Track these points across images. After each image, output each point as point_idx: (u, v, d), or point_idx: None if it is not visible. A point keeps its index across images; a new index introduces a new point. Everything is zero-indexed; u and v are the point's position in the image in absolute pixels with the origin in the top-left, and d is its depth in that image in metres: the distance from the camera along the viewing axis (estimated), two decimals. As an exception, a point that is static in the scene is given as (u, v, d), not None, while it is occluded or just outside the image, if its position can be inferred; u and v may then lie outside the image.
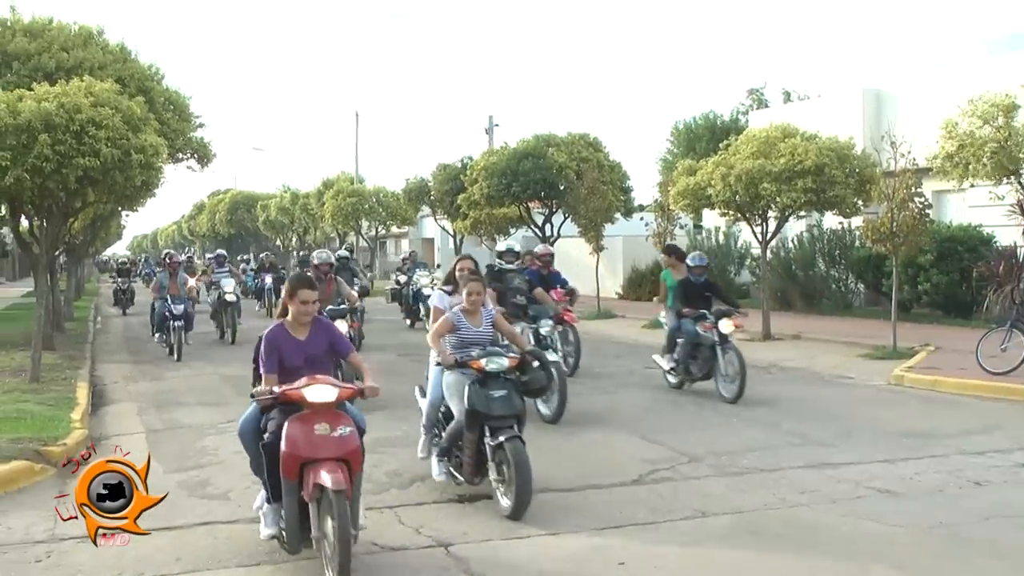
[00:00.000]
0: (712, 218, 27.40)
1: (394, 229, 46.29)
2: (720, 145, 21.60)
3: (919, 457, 8.85)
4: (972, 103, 16.23)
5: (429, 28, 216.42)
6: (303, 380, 5.87)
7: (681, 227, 26.78)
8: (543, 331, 12.22)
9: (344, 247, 30.00)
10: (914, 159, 15.83)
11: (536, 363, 7.90)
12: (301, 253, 34.35)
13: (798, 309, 24.39)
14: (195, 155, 20.14)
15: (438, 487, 7.73)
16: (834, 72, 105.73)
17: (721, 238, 29.29)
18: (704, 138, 41.92)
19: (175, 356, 17.19)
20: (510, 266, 12.47)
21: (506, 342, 7.97)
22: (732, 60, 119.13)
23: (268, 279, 28.26)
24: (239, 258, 41.52)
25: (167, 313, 17.65)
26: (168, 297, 17.77)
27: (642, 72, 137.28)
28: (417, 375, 9.58)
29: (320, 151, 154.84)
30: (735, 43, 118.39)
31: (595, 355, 16.59)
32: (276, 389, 5.88)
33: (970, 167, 16.10)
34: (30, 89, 12.90)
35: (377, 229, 44.50)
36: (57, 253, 20.29)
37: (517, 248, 12.97)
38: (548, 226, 29.68)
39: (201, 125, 20.06)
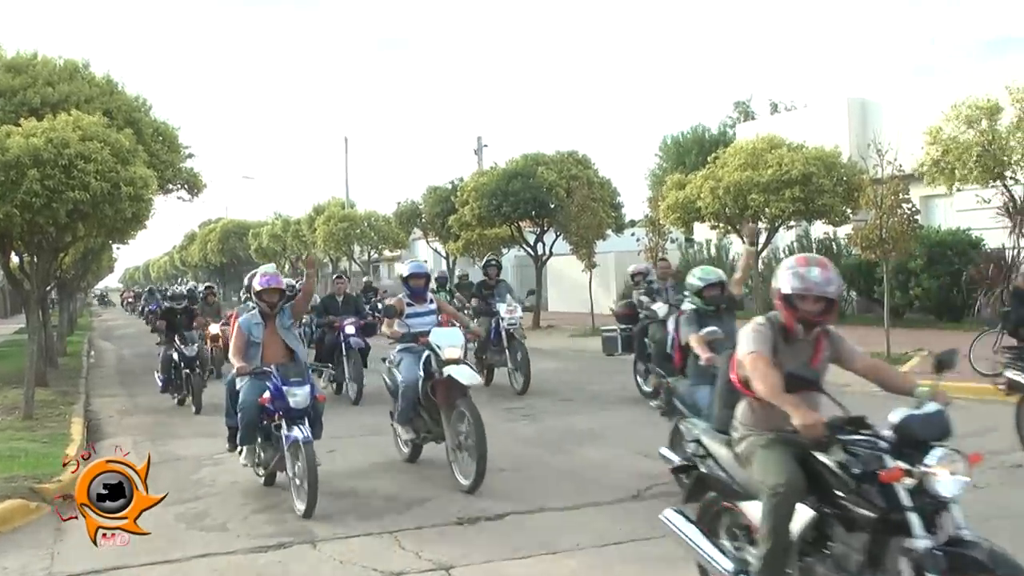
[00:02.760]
0: (703, 231, 27.49)
1: (386, 253, 46.35)
2: (708, 158, 21.72)
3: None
4: (955, 107, 16.35)
5: (416, 53, 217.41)
6: None
7: (672, 241, 26.89)
8: None
9: (490, 258, 16.81)
10: (900, 166, 15.88)
11: None
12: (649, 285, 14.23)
13: (791, 319, 24.33)
14: (185, 185, 20.17)
15: (438, 510, 7.67)
16: (820, 82, 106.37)
17: (713, 251, 29.36)
18: (693, 151, 42.09)
19: (302, 505, 7.61)
20: None
21: None
22: (719, 74, 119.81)
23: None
24: (188, 286, 27.53)
25: (269, 403, 8.02)
26: (267, 367, 8.18)
27: (630, 88, 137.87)
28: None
29: (310, 177, 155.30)
30: (722, 57, 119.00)
31: (591, 372, 16.65)
32: None
33: (956, 172, 16.21)
34: (17, 125, 12.89)
35: (369, 253, 44.54)
36: (48, 288, 20.24)
37: None
38: (540, 245, 29.74)
39: (191, 155, 20.10)
